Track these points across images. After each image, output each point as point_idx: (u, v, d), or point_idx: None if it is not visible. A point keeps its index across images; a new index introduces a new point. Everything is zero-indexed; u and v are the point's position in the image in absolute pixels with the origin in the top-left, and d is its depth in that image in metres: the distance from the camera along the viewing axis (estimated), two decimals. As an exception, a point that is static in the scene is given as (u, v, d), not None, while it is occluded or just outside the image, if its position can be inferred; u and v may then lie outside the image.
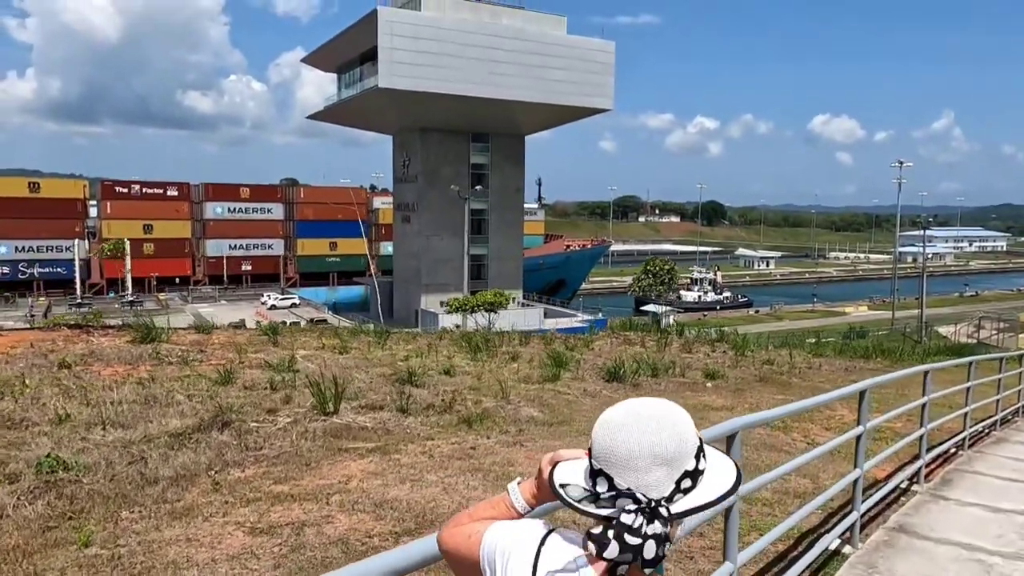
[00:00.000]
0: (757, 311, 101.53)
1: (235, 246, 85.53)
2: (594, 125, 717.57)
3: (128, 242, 73.15)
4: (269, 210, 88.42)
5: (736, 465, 1.36)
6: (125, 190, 79.19)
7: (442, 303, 58.16)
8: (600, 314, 70.28)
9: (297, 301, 70.26)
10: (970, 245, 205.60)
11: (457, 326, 35.64)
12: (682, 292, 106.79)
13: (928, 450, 7.41)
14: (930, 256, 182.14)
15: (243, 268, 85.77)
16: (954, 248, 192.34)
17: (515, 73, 53.79)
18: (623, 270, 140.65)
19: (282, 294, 72.25)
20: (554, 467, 1.39)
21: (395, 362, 11.59)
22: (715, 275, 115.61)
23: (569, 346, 16.99)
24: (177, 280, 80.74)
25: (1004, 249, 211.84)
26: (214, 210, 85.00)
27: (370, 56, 52.38)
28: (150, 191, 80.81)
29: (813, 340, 31.82)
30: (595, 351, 16.49)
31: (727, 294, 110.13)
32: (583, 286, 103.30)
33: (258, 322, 24.98)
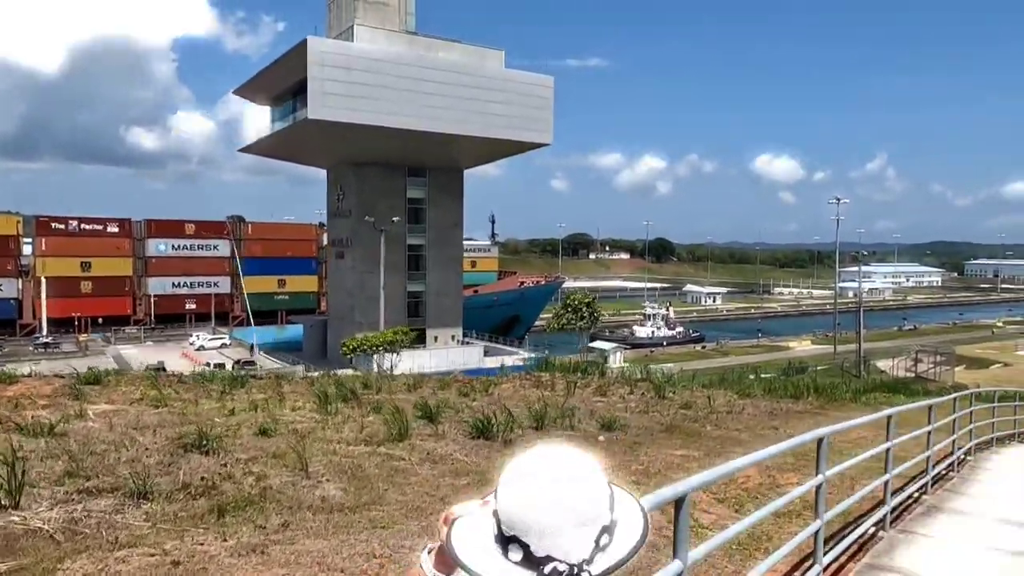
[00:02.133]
0: (704, 347, 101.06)
1: (179, 284, 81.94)
2: (545, 165, 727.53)
3: (44, 280, 68.78)
4: (215, 247, 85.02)
5: (640, 505, 1.29)
6: (62, 226, 75.57)
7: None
8: (547, 351, 68.30)
9: (227, 341, 66.79)
10: (907, 280, 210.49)
11: (355, 369, 33.33)
12: (635, 328, 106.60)
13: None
14: (869, 291, 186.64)
15: (187, 307, 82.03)
16: (892, 283, 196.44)
17: (451, 107, 52.31)
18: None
19: (212, 334, 68.62)
20: (451, 528, 1.26)
21: (213, 419, 9.28)
22: (668, 311, 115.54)
23: (463, 391, 14.85)
24: (111, 326, 76.16)
25: (939, 284, 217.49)
26: (157, 247, 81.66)
27: (303, 88, 50.34)
28: (89, 227, 77.46)
29: (752, 376, 30.32)
30: (492, 396, 14.38)
31: (680, 329, 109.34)
32: (537, 323, 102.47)
33: (195, 368, 22.14)
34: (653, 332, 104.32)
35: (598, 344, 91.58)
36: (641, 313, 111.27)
